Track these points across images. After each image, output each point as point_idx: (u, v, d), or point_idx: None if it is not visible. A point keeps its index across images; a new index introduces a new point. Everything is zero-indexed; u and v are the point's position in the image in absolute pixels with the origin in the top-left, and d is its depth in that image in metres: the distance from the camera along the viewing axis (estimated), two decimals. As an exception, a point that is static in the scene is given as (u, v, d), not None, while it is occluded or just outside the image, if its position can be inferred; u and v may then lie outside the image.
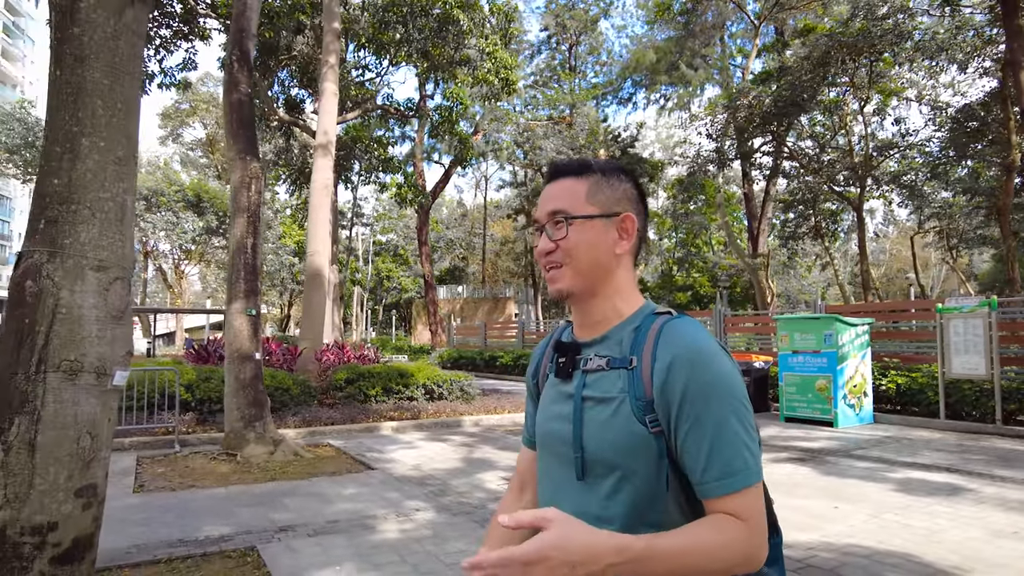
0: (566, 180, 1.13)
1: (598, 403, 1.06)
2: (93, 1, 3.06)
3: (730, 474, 0.96)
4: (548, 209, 1.12)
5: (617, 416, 1.04)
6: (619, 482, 1.03)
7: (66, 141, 2.96)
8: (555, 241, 1.09)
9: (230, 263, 8.05)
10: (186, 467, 7.22)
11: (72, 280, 2.89)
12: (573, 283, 1.09)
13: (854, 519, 5.15)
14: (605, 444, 1.04)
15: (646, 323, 1.09)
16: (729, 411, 0.98)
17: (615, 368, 1.06)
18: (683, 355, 0.99)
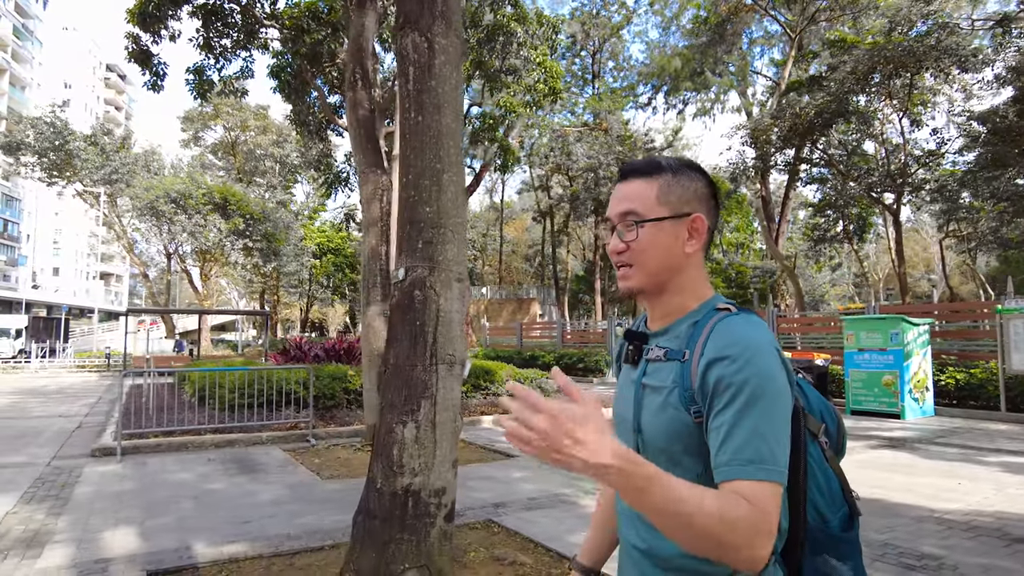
0: (637, 180, 1.15)
1: (654, 391, 1.11)
2: (443, 58, 3.72)
3: (745, 462, 0.95)
4: (620, 210, 1.15)
5: (667, 404, 1.08)
6: (668, 467, 1.00)
7: (433, 176, 3.62)
8: (626, 242, 1.13)
9: (365, 269, 8.68)
10: (338, 458, 7.83)
11: (445, 289, 3.55)
12: (642, 282, 1.14)
13: (982, 493, 5.86)
14: (656, 429, 1.09)
15: (705, 318, 1.10)
16: (759, 404, 0.97)
17: (671, 359, 1.10)
18: (723, 350, 1.02)
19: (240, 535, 4.67)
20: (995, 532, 4.74)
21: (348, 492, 6.05)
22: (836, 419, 1.21)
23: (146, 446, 8.04)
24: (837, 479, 1.14)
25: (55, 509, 5.37)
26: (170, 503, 5.56)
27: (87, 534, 4.69)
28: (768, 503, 0.93)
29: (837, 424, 1.21)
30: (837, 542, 1.10)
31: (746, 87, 29.27)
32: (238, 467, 7.18)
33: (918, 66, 14.48)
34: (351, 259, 44.47)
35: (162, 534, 4.68)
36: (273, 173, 40.23)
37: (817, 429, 1.13)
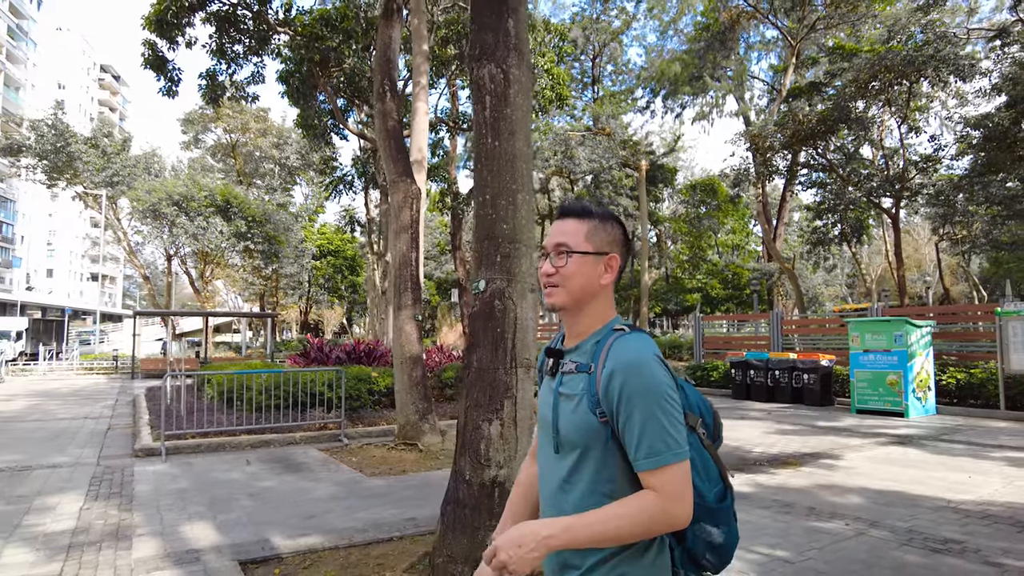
0: (571, 220, 1.43)
1: (567, 398, 1.36)
2: (517, 88, 4.06)
3: (653, 454, 1.23)
4: (555, 242, 1.42)
5: (578, 409, 1.32)
6: (580, 458, 1.32)
7: (509, 195, 3.95)
8: (556, 267, 1.39)
9: (395, 275, 8.99)
10: (374, 456, 8.14)
11: (521, 299, 3.89)
12: (564, 301, 1.40)
13: (992, 486, 6.26)
14: (570, 429, 1.33)
15: (606, 337, 1.36)
16: (655, 407, 1.24)
17: (581, 372, 1.35)
18: (621, 365, 1.27)
19: (310, 529, 4.99)
20: (1008, 520, 5.13)
21: (395, 488, 6.37)
22: (712, 413, 1.48)
23: (186, 447, 8.32)
24: (713, 462, 1.39)
25: (124, 505, 5.66)
26: (231, 500, 5.87)
27: (166, 528, 4.99)
28: (677, 480, 1.23)
29: (713, 417, 1.48)
30: (713, 512, 1.35)
31: (743, 92, 29.74)
32: (282, 466, 7.48)
33: (917, 75, 14.97)
34: (351, 261, 44.68)
35: (237, 528, 4.99)
36: (272, 175, 40.37)
37: (695, 422, 1.38)
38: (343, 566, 4.21)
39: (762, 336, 17.64)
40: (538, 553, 1.21)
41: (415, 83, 14.96)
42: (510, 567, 1.21)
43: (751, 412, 12.19)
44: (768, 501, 5.77)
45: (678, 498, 1.23)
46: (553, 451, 1.38)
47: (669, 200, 39.33)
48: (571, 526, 1.23)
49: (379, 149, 9.75)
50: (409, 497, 6.00)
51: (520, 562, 1.20)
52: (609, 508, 1.25)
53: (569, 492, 1.34)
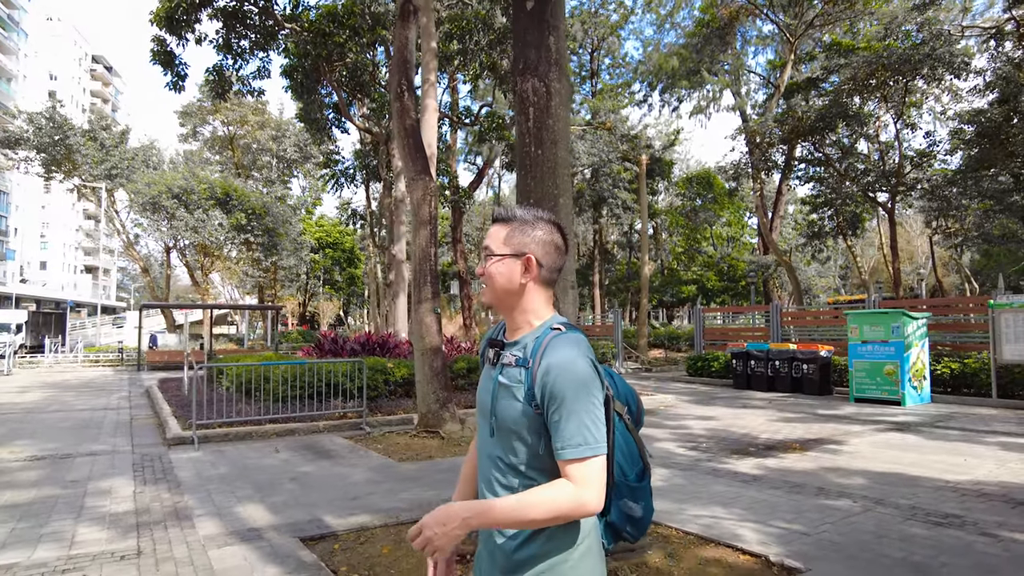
0: (496, 225, 1.52)
1: (505, 388, 1.43)
2: (558, 100, 4.39)
3: (573, 445, 1.33)
4: (484, 244, 1.54)
5: (515, 399, 1.41)
6: (515, 441, 1.42)
7: (551, 200, 4.29)
8: (482, 268, 1.51)
9: (416, 269, 9.32)
10: (397, 444, 8.49)
11: (563, 295, 4.24)
12: (490, 299, 1.53)
13: (986, 467, 6.68)
14: (506, 416, 1.42)
15: (544, 335, 1.45)
16: (579, 404, 1.33)
17: (519, 366, 1.43)
18: (552, 363, 1.37)
19: (357, 509, 5.34)
20: (1002, 498, 5.54)
21: (427, 472, 6.73)
22: (637, 400, 1.62)
23: (215, 435, 8.64)
24: (636, 445, 1.52)
25: (173, 490, 5.99)
26: (275, 484, 6.21)
27: (221, 509, 5.32)
28: (592, 471, 1.33)
29: (637, 404, 1.62)
30: (634, 490, 1.49)
31: (740, 87, 30.09)
32: (314, 453, 7.82)
33: (914, 72, 15.39)
34: (349, 253, 44.87)
35: (288, 509, 5.33)
36: (270, 168, 40.45)
37: (622, 410, 1.51)
38: (396, 542, 4.56)
39: (759, 328, 18.09)
40: (460, 532, 1.30)
41: (424, 80, 15.22)
42: (435, 543, 1.30)
43: (753, 401, 12.62)
44: (779, 482, 6.16)
45: (591, 487, 1.32)
46: (489, 434, 1.48)
47: (664, 193, 39.69)
48: (489, 509, 1.32)
49: (396, 147, 10.05)
50: (443, 480, 6.36)
51: (443, 538, 1.29)
52: (527, 493, 1.35)
53: (503, 471, 1.44)
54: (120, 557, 4.17)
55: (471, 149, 26.22)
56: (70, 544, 4.44)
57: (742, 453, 7.60)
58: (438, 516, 1.32)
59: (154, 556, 4.19)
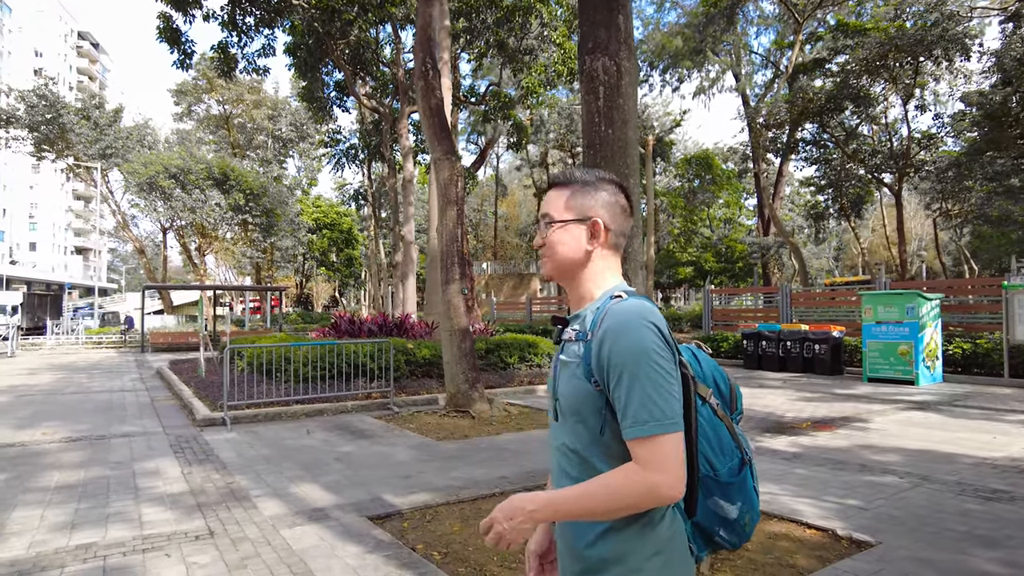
0: (554, 190, 1.42)
1: (565, 365, 1.34)
2: (628, 79, 4.37)
3: (638, 423, 1.18)
4: (541, 212, 1.43)
5: (574, 376, 1.30)
6: (576, 423, 1.30)
7: (623, 180, 4.28)
8: (542, 238, 1.39)
9: (444, 250, 9.31)
10: (429, 423, 8.53)
11: (635, 275, 4.25)
12: (552, 271, 1.41)
13: (1018, 445, 6.81)
14: (568, 396, 1.31)
15: (604, 304, 1.31)
16: (640, 375, 1.19)
17: (578, 340, 1.32)
18: (610, 329, 1.24)
19: (414, 487, 5.38)
20: (1042, 474, 5.67)
21: (469, 451, 6.78)
22: (728, 382, 1.43)
23: (244, 416, 8.64)
24: (728, 433, 1.35)
25: (221, 471, 6.00)
26: (321, 464, 6.23)
27: (277, 490, 5.35)
28: (664, 451, 1.17)
29: (729, 387, 1.43)
30: (725, 486, 1.32)
31: (741, 68, 29.98)
32: (350, 432, 7.85)
33: (927, 53, 15.39)
34: (347, 234, 44.63)
35: (344, 488, 5.36)
36: (266, 147, 40.02)
37: (707, 393, 1.35)
38: (461, 519, 4.61)
39: (765, 309, 18.23)
40: (528, 525, 1.24)
41: (439, 59, 15.09)
42: (505, 537, 1.25)
43: (768, 381, 12.75)
44: (820, 459, 6.26)
45: (663, 471, 1.17)
46: (554, 417, 1.39)
47: (663, 174, 39.67)
48: (553, 499, 1.24)
49: (423, 127, 9.94)
50: (488, 459, 6.41)
51: (513, 532, 1.25)
52: (594, 481, 1.23)
53: (569, 460, 1.33)
54: (195, 537, 4.19)
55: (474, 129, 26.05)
56: (139, 524, 4.45)
57: (774, 431, 7.70)
58: (505, 509, 1.26)
59: (227, 536, 4.21)
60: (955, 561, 3.76)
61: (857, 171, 19.10)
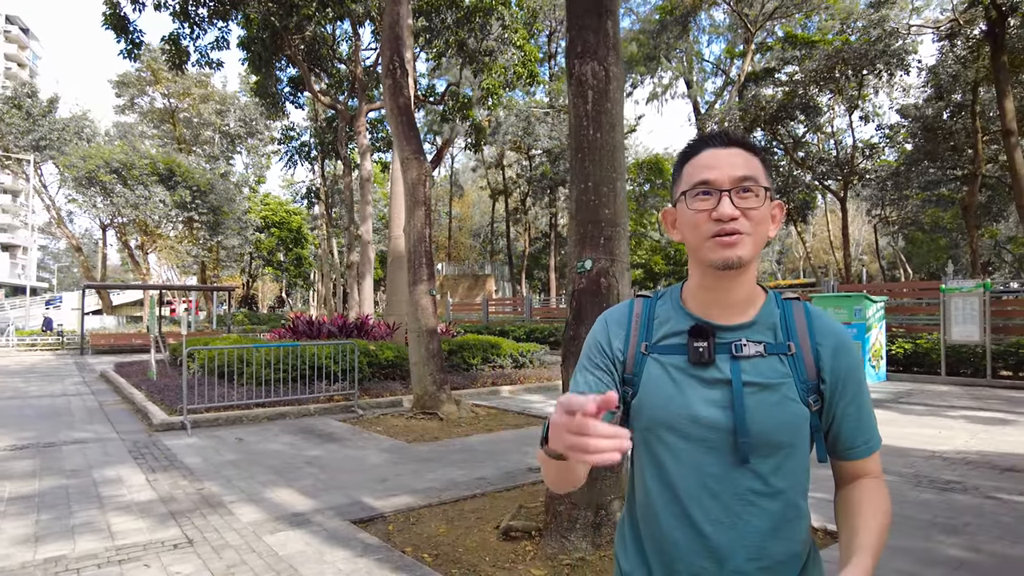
0: (743, 151, 1.10)
1: (762, 389, 1.09)
2: (615, 84, 4.44)
3: (873, 439, 1.15)
4: (737, 174, 1.06)
5: (784, 399, 1.09)
6: (784, 459, 1.10)
7: (610, 183, 4.36)
8: (742, 208, 1.06)
9: (411, 251, 9.22)
10: (395, 425, 8.44)
11: (621, 277, 4.33)
12: (750, 254, 1.07)
13: (961, 439, 7.22)
14: (773, 426, 1.08)
15: (785, 308, 1.15)
16: (867, 389, 1.15)
17: (772, 354, 1.10)
18: (843, 341, 1.12)
19: (393, 490, 5.32)
20: (986, 465, 6.03)
21: (443, 453, 6.75)
22: None
23: (204, 420, 8.36)
24: None
25: (188, 477, 5.80)
26: (292, 468, 6.10)
27: (252, 495, 5.21)
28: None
29: None
30: None
31: (693, 75, 30.75)
32: (316, 436, 7.70)
33: (870, 67, 16.18)
34: (296, 233, 43.65)
35: (322, 493, 5.26)
36: (213, 143, 38.81)
37: None
38: (446, 520, 4.59)
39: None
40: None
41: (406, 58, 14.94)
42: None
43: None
44: (785, 456, 6.48)
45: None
46: (732, 462, 1.10)
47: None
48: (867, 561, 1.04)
49: (390, 126, 9.82)
50: (463, 460, 6.39)
51: None
52: (872, 511, 1.11)
53: (769, 502, 1.10)
54: (173, 546, 4.04)
55: (430, 129, 25.89)
56: (110, 534, 4.27)
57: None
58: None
59: (208, 544, 4.08)
60: (925, 548, 3.97)
61: (804, 178, 19.96)
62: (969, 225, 16.40)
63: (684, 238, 1.14)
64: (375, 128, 25.51)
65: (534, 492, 5.19)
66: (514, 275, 36.55)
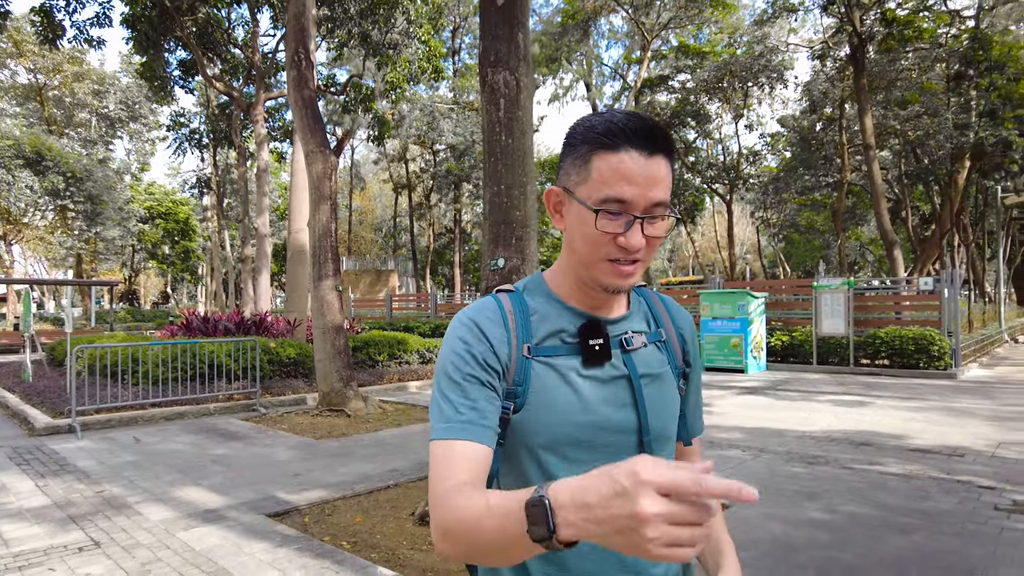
0: (664, 161, 0.92)
1: (653, 380, 1.04)
2: (526, 93, 4.72)
3: (702, 420, 1.19)
4: (654, 198, 0.90)
5: (669, 388, 1.06)
6: (671, 452, 1.06)
7: (521, 186, 4.63)
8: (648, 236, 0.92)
9: (316, 246, 9.11)
10: (301, 423, 8.37)
11: (531, 274, 4.62)
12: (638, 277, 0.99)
13: (826, 420, 8.13)
14: (666, 419, 1.04)
15: (644, 296, 1.13)
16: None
17: (653, 342, 1.07)
18: (693, 325, 1.16)
19: (304, 484, 5.36)
20: (847, 442, 6.86)
21: (353, 448, 6.81)
22: None
23: (95, 423, 7.92)
24: None
25: (84, 480, 5.55)
26: (198, 467, 5.96)
27: (158, 495, 5.08)
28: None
29: None
30: None
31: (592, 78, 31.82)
32: (219, 435, 7.51)
33: (754, 79, 17.56)
34: (184, 225, 41.21)
35: (232, 490, 5.22)
36: (89, 126, 35.90)
37: None
38: (362, 510, 4.72)
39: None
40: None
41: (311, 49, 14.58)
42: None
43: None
44: (676, 439, 7.06)
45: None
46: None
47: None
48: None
49: (294, 119, 9.63)
50: (375, 454, 6.49)
51: None
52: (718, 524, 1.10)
53: None
54: (78, 549, 3.92)
55: (330, 119, 25.27)
56: (3, 542, 4.07)
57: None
58: None
59: (117, 544, 3.99)
60: (790, 513, 4.54)
61: (694, 181, 21.31)
62: (837, 228, 18.29)
63: (572, 241, 0.98)
64: (272, 117, 24.61)
65: (447, 480, 5.39)
66: (418, 271, 36.40)
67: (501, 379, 0.98)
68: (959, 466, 5.77)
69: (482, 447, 0.92)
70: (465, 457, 0.89)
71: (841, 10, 13.73)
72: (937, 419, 8.05)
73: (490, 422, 0.94)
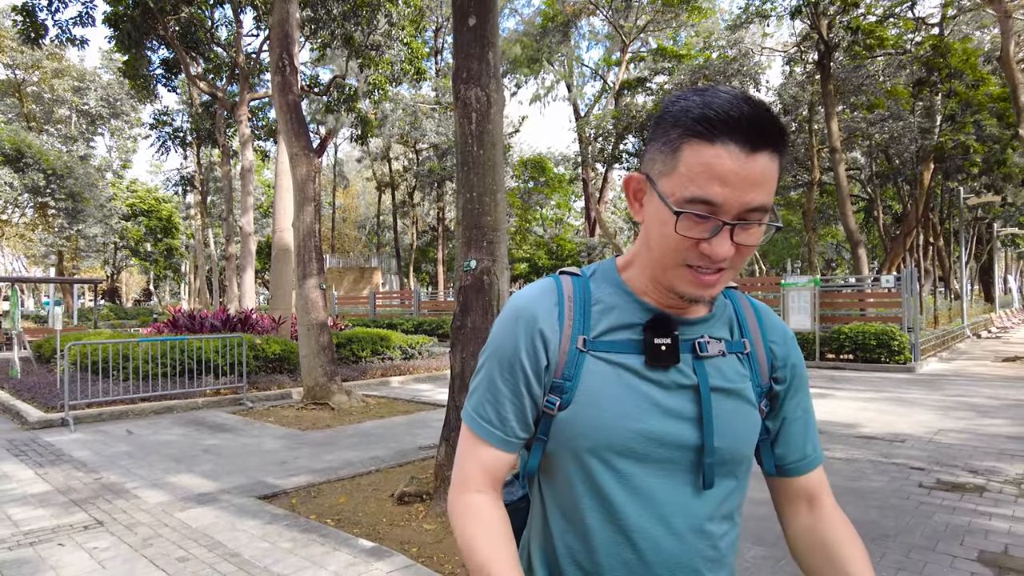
0: (770, 157, 0.79)
1: (727, 395, 0.91)
2: (496, 108, 5.13)
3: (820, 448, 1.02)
4: (751, 203, 0.79)
5: (744, 408, 0.92)
6: (742, 477, 0.95)
7: (491, 194, 5.04)
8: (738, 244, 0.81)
9: (300, 246, 9.45)
10: (286, 416, 8.72)
11: (501, 275, 5.03)
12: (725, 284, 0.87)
13: (786, 411, 8.63)
14: (737, 441, 0.91)
15: (733, 300, 0.98)
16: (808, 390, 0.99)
17: (734, 352, 0.94)
18: (792, 338, 0.98)
19: (292, 471, 5.74)
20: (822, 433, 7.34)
21: (337, 438, 7.19)
22: None
23: (87, 416, 8.22)
24: None
25: (82, 469, 5.88)
26: (192, 456, 6.32)
27: (154, 481, 5.43)
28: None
29: None
30: None
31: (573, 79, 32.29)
32: (208, 428, 7.85)
33: (728, 83, 18.07)
34: (167, 222, 41.12)
35: (224, 476, 5.58)
36: (69, 123, 35.72)
37: None
38: (346, 492, 5.11)
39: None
40: None
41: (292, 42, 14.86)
42: None
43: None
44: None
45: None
46: (695, 486, 0.91)
47: (502, 173, 41.32)
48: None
49: (279, 122, 9.95)
50: (358, 444, 6.88)
51: None
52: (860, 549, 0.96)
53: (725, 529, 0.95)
54: (83, 527, 4.28)
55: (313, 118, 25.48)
56: (12, 523, 4.41)
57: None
58: None
59: (119, 523, 4.35)
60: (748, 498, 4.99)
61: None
62: (808, 227, 18.90)
63: (648, 239, 0.88)
64: (256, 116, 24.77)
65: (424, 466, 5.80)
66: (402, 268, 36.67)
67: (546, 373, 0.91)
68: (898, 451, 6.28)
69: (504, 455, 0.95)
70: (484, 459, 0.95)
71: (807, 21, 14.29)
72: (888, 409, 8.59)
73: (517, 438, 0.94)
